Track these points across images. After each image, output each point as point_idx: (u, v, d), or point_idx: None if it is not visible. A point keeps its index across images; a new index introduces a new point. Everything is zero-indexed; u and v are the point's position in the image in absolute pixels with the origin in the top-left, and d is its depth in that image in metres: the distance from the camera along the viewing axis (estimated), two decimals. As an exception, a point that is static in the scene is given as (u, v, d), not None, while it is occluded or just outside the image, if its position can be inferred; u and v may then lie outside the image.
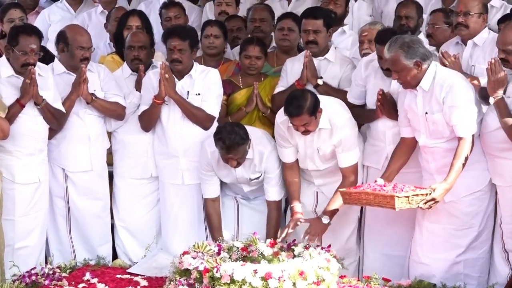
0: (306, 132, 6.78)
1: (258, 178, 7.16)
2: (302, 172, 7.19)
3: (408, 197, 6.28)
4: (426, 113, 6.49)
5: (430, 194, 6.32)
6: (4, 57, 7.18)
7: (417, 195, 6.31)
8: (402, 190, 6.37)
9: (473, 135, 6.37)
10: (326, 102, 6.91)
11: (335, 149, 6.90)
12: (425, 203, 6.30)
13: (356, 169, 6.98)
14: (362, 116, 7.18)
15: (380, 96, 6.77)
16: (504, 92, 6.45)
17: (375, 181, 6.64)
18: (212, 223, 7.29)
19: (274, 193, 7.16)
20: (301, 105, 6.63)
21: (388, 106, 6.82)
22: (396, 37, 6.57)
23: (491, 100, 6.51)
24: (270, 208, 7.18)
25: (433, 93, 6.43)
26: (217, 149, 6.82)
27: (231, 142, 6.73)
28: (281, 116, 6.94)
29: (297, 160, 7.11)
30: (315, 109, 6.66)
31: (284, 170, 7.15)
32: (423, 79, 6.45)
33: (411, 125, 6.71)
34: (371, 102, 7.06)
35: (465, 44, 7.21)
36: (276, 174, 7.15)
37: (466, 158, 6.36)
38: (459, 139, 6.34)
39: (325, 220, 6.76)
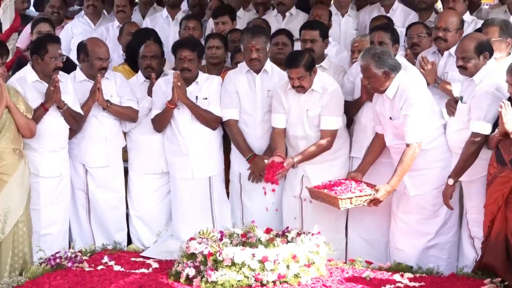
0: (300, 88, 6.88)
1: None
2: (292, 150, 7.19)
3: (351, 198, 6.49)
4: (391, 118, 6.66)
5: (374, 194, 6.51)
6: (29, 65, 7.24)
7: (360, 196, 6.51)
8: (350, 191, 6.56)
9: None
10: (322, 73, 7.07)
11: (320, 113, 6.96)
12: (369, 202, 6.52)
13: (333, 135, 6.99)
14: (351, 106, 7.23)
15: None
16: (461, 99, 6.61)
17: (349, 174, 6.89)
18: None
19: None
20: (300, 59, 6.79)
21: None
22: (369, 48, 6.79)
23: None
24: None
25: (396, 100, 6.57)
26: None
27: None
28: (280, 81, 7.10)
29: (284, 130, 7.12)
30: (310, 66, 6.82)
31: (274, 134, 7.16)
32: (389, 88, 6.60)
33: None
34: (359, 94, 7.16)
35: (442, 54, 7.31)
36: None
37: (409, 164, 6.54)
38: (407, 145, 6.51)
39: (295, 159, 6.88)
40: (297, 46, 7.72)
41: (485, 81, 6.45)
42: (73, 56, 8.02)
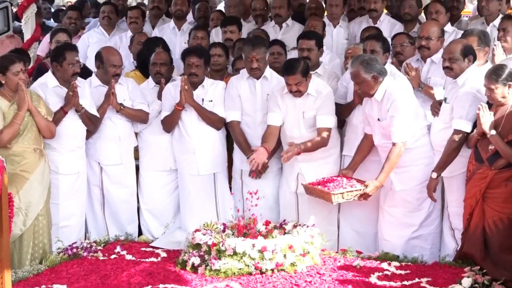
0: (297, 93, 6.89)
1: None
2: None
3: (342, 193, 6.52)
4: (379, 119, 6.67)
5: (363, 189, 6.54)
6: (50, 71, 7.27)
7: (351, 191, 6.54)
8: (342, 186, 6.59)
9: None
10: (316, 78, 7.09)
11: (316, 113, 6.96)
12: (360, 197, 6.55)
13: (328, 131, 6.95)
14: (343, 109, 7.22)
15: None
16: (445, 100, 6.64)
17: (340, 171, 6.90)
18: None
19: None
20: (296, 66, 6.82)
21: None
22: (357, 56, 6.82)
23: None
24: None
25: (383, 104, 6.60)
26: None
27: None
28: (277, 86, 7.11)
29: (278, 129, 7.07)
30: (306, 72, 6.84)
31: (267, 131, 7.08)
32: (377, 92, 6.62)
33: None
34: (351, 97, 7.16)
35: (425, 61, 7.31)
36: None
37: (395, 161, 6.57)
38: (393, 144, 6.54)
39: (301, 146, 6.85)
40: (294, 54, 7.73)
41: (467, 84, 6.49)
42: (89, 64, 8.02)
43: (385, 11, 9.06)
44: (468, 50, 6.55)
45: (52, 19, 12.02)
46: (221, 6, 11.25)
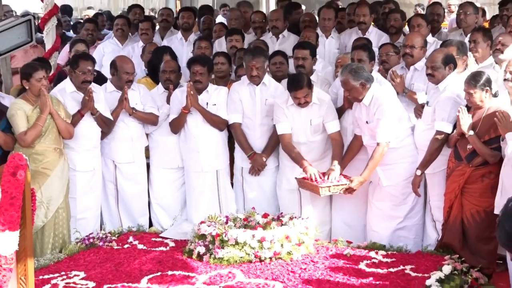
0: (305, 104, 6.86)
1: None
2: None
3: (329, 187, 6.53)
4: (367, 122, 6.67)
5: (348, 184, 6.54)
6: (68, 78, 7.28)
7: (337, 185, 6.55)
8: (330, 181, 6.59)
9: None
10: (315, 88, 7.04)
11: (322, 120, 6.96)
12: (345, 191, 6.55)
13: (339, 133, 6.97)
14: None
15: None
16: (427, 103, 6.65)
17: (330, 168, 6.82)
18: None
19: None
20: (302, 80, 6.81)
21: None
22: (346, 65, 6.80)
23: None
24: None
25: (370, 108, 6.60)
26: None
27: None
28: (279, 98, 7.09)
29: (290, 135, 7.00)
30: (310, 84, 6.83)
31: (285, 143, 7.00)
32: (365, 97, 6.61)
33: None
34: (341, 102, 7.15)
35: (408, 69, 7.28)
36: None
37: (378, 160, 6.57)
38: (377, 144, 6.54)
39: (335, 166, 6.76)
40: (290, 62, 7.71)
41: (448, 89, 6.50)
42: (105, 71, 8.00)
43: (372, 23, 9.04)
44: (449, 59, 6.55)
45: (71, 31, 12.01)
46: (218, 19, 11.28)
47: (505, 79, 6.30)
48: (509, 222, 2.46)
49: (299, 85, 6.79)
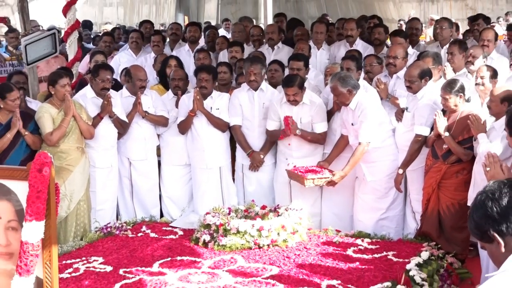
0: (294, 102, 6.85)
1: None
2: (284, 147, 7.13)
3: (313, 179, 6.52)
4: (352, 124, 6.66)
5: (331, 177, 6.54)
6: (89, 85, 7.29)
7: (321, 178, 6.54)
8: (315, 171, 6.62)
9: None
10: (309, 91, 7.05)
11: (311, 120, 6.95)
12: (328, 183, 6.56)
13: (324, 134, 7.00)
14: None
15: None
16: (407, 109, 6.64)
17: (318, 163, 6.85)
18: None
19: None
20: (294, 80, 6.82)
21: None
22: (336, 73, 6.79)
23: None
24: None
25: (356, 111, 6.59)
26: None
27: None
28: (275, 98, 7.09)
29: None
30: (301, 85, 6.82)
31: (269, 134, 7.14)
32: (352, 102, 6.60)
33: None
34: (331, 106, 7.14)
35: (391, 77, 7.29)
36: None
37: (359, 157, 6.57)
38: (359, 143, 6.54)
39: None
40: (286, 71, 7.68)
41: (425, 96, 6.49)
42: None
43: (358, 37, 9.03)
44: (424, 73, 6.53)
45: (91, 43, 12.01)
46: (221, 32, 11.29)
47: (476, 83, 6.37)
48: (477, 213, 2.48)
49: (290, 83, 6.81)
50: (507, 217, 2.42)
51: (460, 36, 10.02)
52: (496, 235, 2.44)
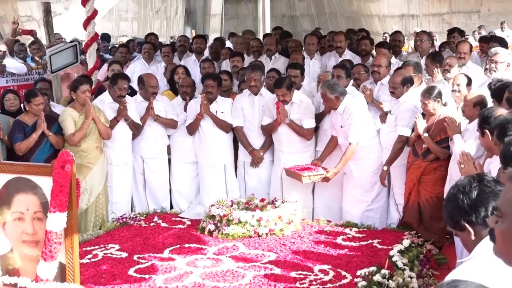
0: (284, 102, 6.84)
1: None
2: (277, 142, 7.12)
3: (310, 176, 6.51)
4: (341, 126, 6.65)
5: (325, 174, 6.52)
6: (107, 91, 7.28)
7: (316, 175, 6.52)
8: (311, 169, 6.59)
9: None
10: (298, 91, 7.03)
11: (300, 117, 6.92)
12: (322, 179, 6.54)
13: (311, 130, 6.97)
14: (317, 117, 7.14)
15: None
16: (390, 112, 6.64)
17: (312, 161, 6.84)
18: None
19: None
20: (283, 82, 6.84)
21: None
22: (325, 81, 6.81)
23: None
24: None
25: (344, 115, 6.58)
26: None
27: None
28: (271, 97, 7.09)
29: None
30: (290, 87, 6.80)
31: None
32: (340, 106, 6.59)
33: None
34: (323, 108, 7.11)
35: (376, 83, 7.29)
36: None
37: (350, 156, 6.55)
38: (349, 143, 6.54)
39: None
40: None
41: (407, 101, 6.49)
42: (135, 85, 7.94)
43: (347, 48, 9.03)
44: (406, 80, 6.53)
45: (108, 54, 11.98)
46: (227, 44, 11.28)
47: (453, 90, 6.35)
48: (450, 204, 2.49)
49: (279, 85, 6.83)
50: (476, 208, 2.42)
51: (437, 48, 10.02)
52: (467, 225, 2.44)
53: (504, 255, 2.03)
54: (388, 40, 11.06)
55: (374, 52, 9.00)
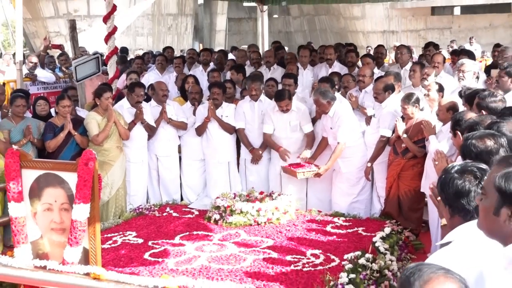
0: (286, 110, 6.81)
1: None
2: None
3: (303, 172, 6.49)
4: (331, 128, 6.63)
5: (317, 170, 6.51)
6: (125, 98, 7.27)
7: (309, 171, 6.50)
8: (305, 166, 6.56)
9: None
10: (295, 100, 7.01)
11: (299, 123, 6.90)
12: (315, 175, 6.52)
13: (312, 133, 6.92)
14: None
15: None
16: (374, 115, 6.64)
17: (306, 160, 6.76)
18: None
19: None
20: (285, 94, 6.80)
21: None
22: (317, 88, 6.81)
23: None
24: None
25: (333, 118, 6.57)
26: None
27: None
28: (269, 106, 7.05)
29: (271, 135, 6.98)
30: (290, 97, 6.80)
31: (266, 137, 7.02)
32: (330, 110, 6.57)
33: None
34: (314, 114, 7.09)
35: (361, 91, 7.26)
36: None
37: (338, 154, 6.52)
38: (337, 143, 6.51)
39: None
40: (279, 86, 7.67)
41: (389, 106, 6.50)
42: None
43: (336, 60, 9.02)
44: (388, 87, 6.55)
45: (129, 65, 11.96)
46: (230, 56, 11.27)
47: (424, 94, 6.37)
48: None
49: (282, 97, 6.79)
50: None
51: (416, 59, 10.01)
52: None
53: (485, 228, 2.06)
54: (371, 52, 11.06)
55: (360, 63, 9.00)
